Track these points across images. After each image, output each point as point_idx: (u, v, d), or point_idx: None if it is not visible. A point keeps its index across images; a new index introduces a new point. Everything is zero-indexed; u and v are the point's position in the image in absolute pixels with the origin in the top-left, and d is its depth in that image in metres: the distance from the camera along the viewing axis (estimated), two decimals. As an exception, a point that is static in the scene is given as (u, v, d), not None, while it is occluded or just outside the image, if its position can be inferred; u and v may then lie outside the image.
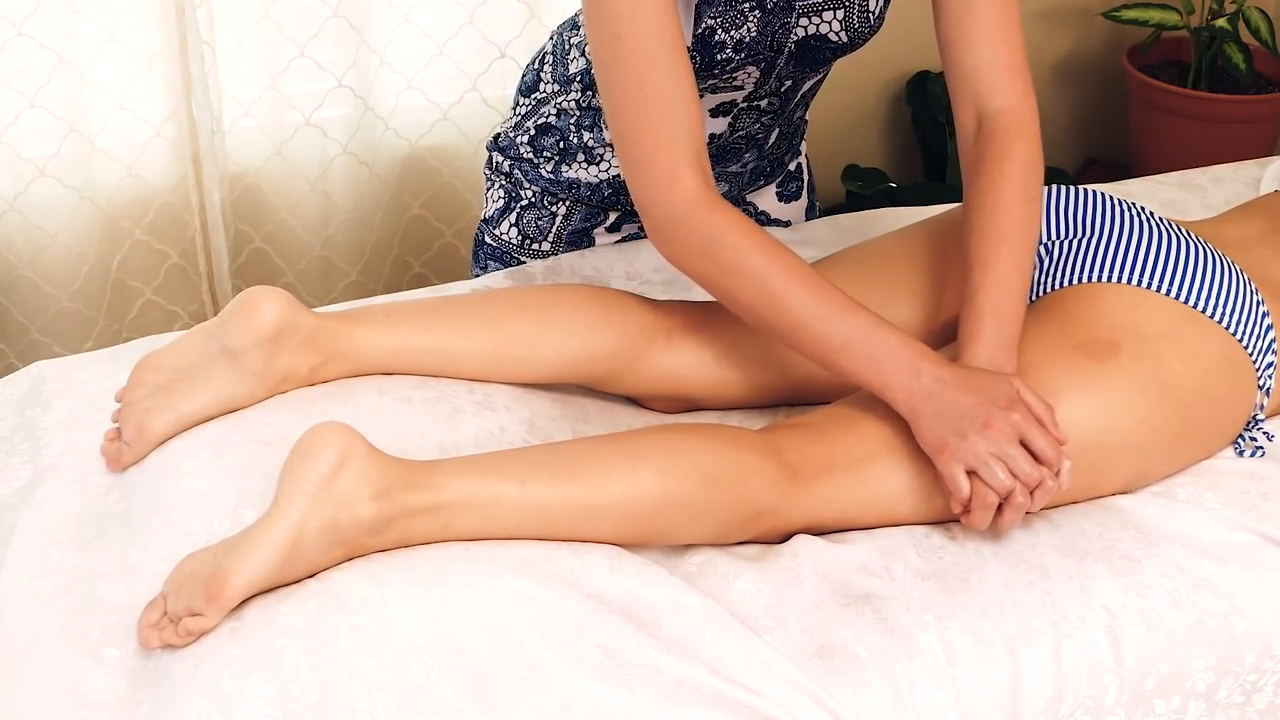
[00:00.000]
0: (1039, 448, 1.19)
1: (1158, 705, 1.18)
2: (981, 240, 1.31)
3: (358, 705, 1.03)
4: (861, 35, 1.46)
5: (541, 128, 1.62)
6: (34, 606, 1.15)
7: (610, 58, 1.26)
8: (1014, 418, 1.19)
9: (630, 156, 1.28)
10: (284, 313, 1.27)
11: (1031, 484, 1.18)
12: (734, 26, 1.40)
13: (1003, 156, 1.35)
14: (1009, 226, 1.31)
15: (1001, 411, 1.19)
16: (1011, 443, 1.18)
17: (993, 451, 1.18)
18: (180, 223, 2.30)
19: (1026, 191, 1.34)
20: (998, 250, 1.30)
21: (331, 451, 1.10)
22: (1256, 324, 1.35)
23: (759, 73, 1.46)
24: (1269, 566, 1.24)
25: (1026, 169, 1.35)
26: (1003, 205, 1.32)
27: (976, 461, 1.18)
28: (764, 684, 1.09)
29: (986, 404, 1.19)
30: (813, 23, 1.43)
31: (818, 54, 1.47)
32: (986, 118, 1.38)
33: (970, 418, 1.19)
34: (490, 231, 1.70)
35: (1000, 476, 1.18)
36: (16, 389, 1.42)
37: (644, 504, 1.16)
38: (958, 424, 1.19)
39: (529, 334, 1.36)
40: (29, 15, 2.04)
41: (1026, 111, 1.38)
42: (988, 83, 1.37)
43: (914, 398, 1.21)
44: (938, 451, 1.20)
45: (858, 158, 2.90)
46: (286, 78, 2.26)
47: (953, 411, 1.20)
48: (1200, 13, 2.81)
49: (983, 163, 1.36)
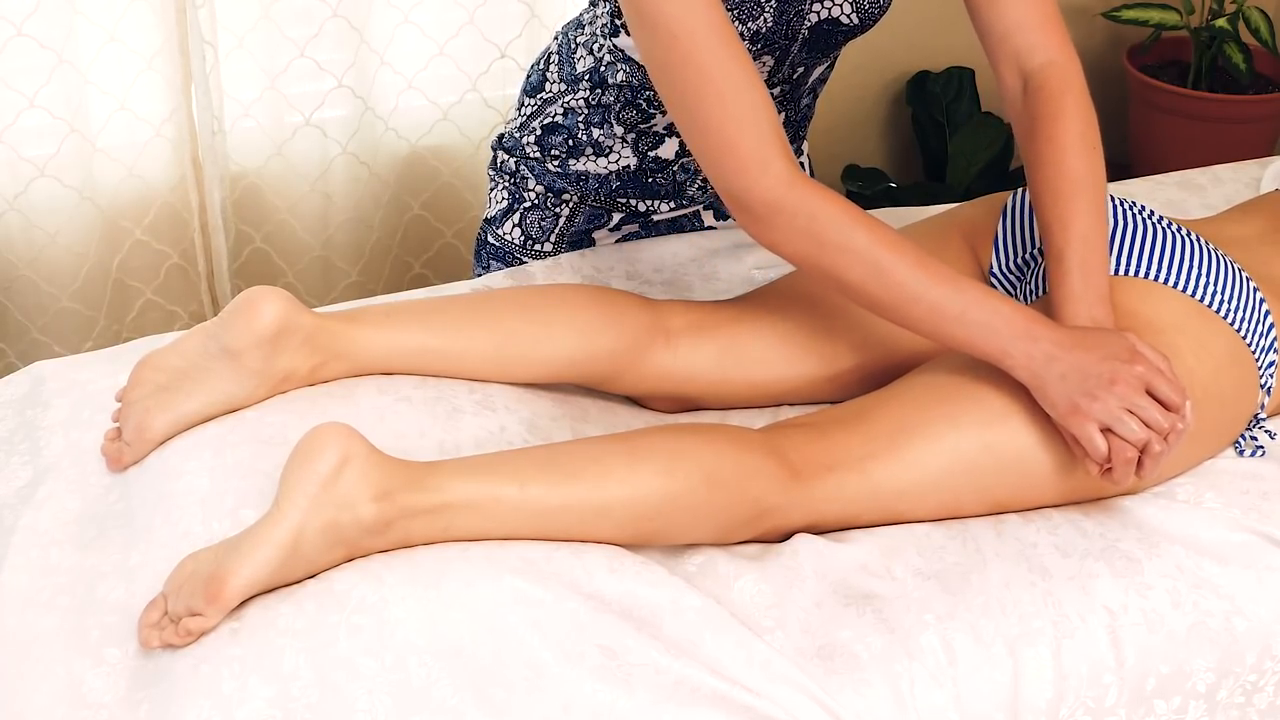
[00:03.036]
0: (1164, 395, 1.19)
1: (1158, 705, 1.18)
2: (1055, 199, 1.31)
3: (358, 705, 1.03)
4: (871, 16, 1.46)
5: (548, 127, 1.62)
6: (34, 606, 1.15)
7: (671, 58, 1.24)
8: (1138, 370, 1.19)
9: (713, 149, 1.26)
10: (284, 313, 1.27)
11: (1164, 432, 1.19)
12: (751, 18, 1.40)
13: (1057, 112, 1.35)
14: (1077, 180, 1.32)
15: (1126, 365, 1.19)
16: (1140, 394, 1.19)
17: (1124, 406, 1.18)
18: (180, 223, 2.30)
19: (1086, 141, 1.34)
20: (1072, 205, 1.30)
21: (332, 452, 1.10)
22: (1259, 322, 1.35)
23: (774, 61, 1.46)
24: (1269, 566, 1.24)
25: (1082, 120, 1.35)
26: (1067, 160, 1.32)
27: (1110, 418, 1.18)
28: (764, 684, 1.09)
29: (1110, 359, 1.20)
30: (825, 7, 1.43)
31: (830, 38, 1.47)
32: (1031, 75, 1.38)
33: (1096, 376, 1.19)
34: (493, 231, 1.70)
35: (1135, 429, 1.18)
36: (16, 389, 1.41)
37: (645, 504, 1.16)
38: (1084, 384, 1.19)
39: (529, 334, 1.36)
40: (29, 15, 2.04)
41: (1069, 62, 1.37)
42: (1026, 40, 1.37)
43: (1034, 362, 1.21)
44: (1069, 414, 1.20)
45: (858, 158, 2.90)
46: (286, 78, 2.26)
47: (1077, 373, 1.20)
48: (1200, 13, 2.81)
49: (1037, 121, 1.35)
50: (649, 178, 1.61)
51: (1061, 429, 1.22)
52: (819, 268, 1.26)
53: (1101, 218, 1.31)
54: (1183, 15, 2.74)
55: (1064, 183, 1.32)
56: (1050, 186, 1.32)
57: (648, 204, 1.64)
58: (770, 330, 1.41)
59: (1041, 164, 1.34)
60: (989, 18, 1.38)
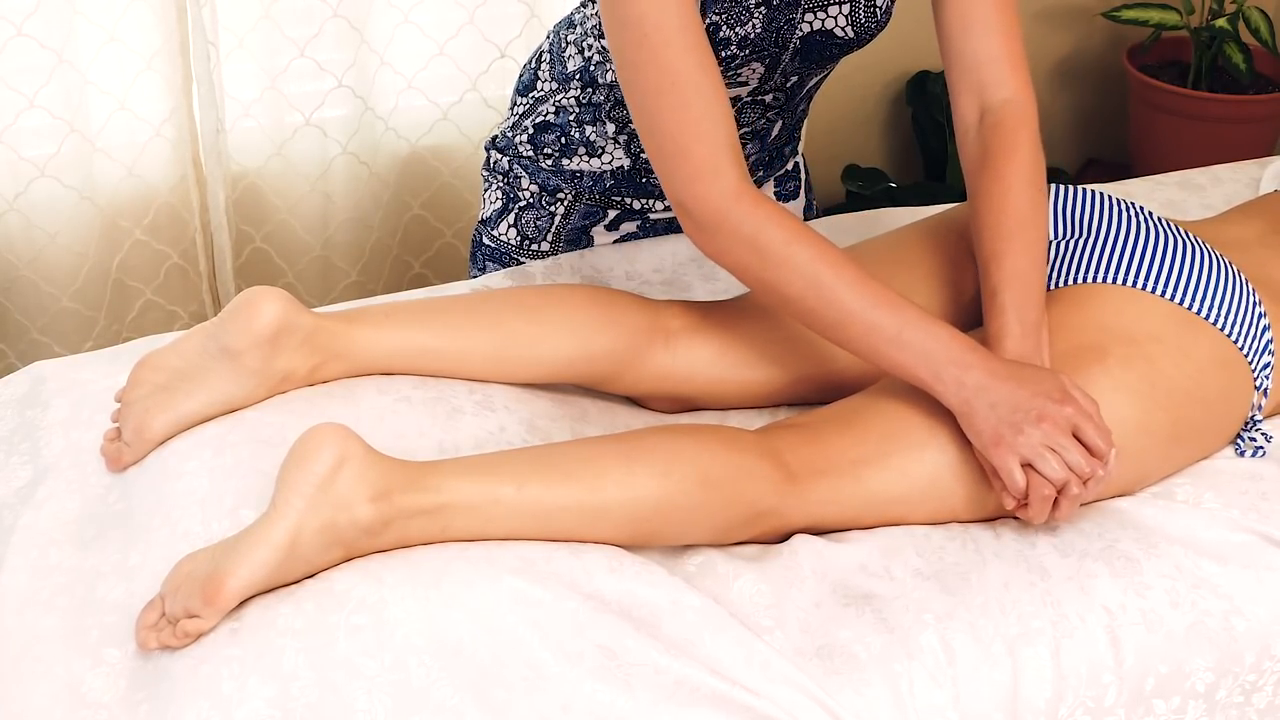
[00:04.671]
0: (1090, 439, 1.19)
1: (1157, 705, 1.18)
2: (995, 234, 1.32)
3: (357, 705, 1.03)
4: (869, 31, 1.46)
5: (540, 126, 1.62)
6: (33, 606, 1.15)
7: (639, 57, 1.25)
8: (1067, 411, 1.19)
9: (666, 153, 1.27)
10: (283, 312, 1.27)
11: (1085, 475, 1.19)
12: (739, 23, 1.40)
13: (1011, 150, 1.35)
14: (1020, 218, 1.32)
15: (1055, 405, 1.19)
16: (1066, 435, 1.19)
17: (1047, 444, 1.18)
18: (180, 223, 2.30)
19: (1033, 184, 1.34)
20: (1011, 243, 1.31)
21: (329, 453, 1.10)
22: (1252, 325, 1.35)
23: (764, 69, 1.46)
24: (1269, 566, 1.24)
25: (1032, 161, 1.36)
26: (1012, 197, 1.33)
27: (1033, 454, 1.18)
28: (764, 684, 1.09)
29: (1040, 397, 1.20)
30: (818, 18, 1.43)
31: (824, 50, 1.47)
32: (990, 110, 1.38)
33: (1025, 410, 1.19)
34: (488, 232, 1.70)
35: (1055, 468, 1.18)
36: (16, 389, 1.42)
37: (642, 505, 1.16)
38: (1012, 416, 1.19)
39: (528, 334, 1.36)
40: (29, 15, 2.04)
41: (1028, 102, 1.38)
42: (992, 74, 1.38)
43: (965, 389, 1.21)
44: (993, 444, 1.20)
45: (858, 158, 2.90)
46: (286, 78, 2.26)
47: (1007, 405, 1.20)
48: (1200, 13, 2.81)
49: (989, 155, 1.36)
50: (643, 178, 1.61)
51: (982, 459, 1.22)
52: (760, 281, 1.27)
53: (1040, 257, 1.32)
54: (1183, 15, 2.74)
55: (1007, 219, 1.32)
56: (992, 221, 1.32)
57: (643, 202, 1.64)
58: (769, 331, 1.41)
59: (987, 198, 1.34)
60: (960, 47, 1.39)
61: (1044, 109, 2.27)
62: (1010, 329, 1.28)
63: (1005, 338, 1.28)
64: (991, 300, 1.30)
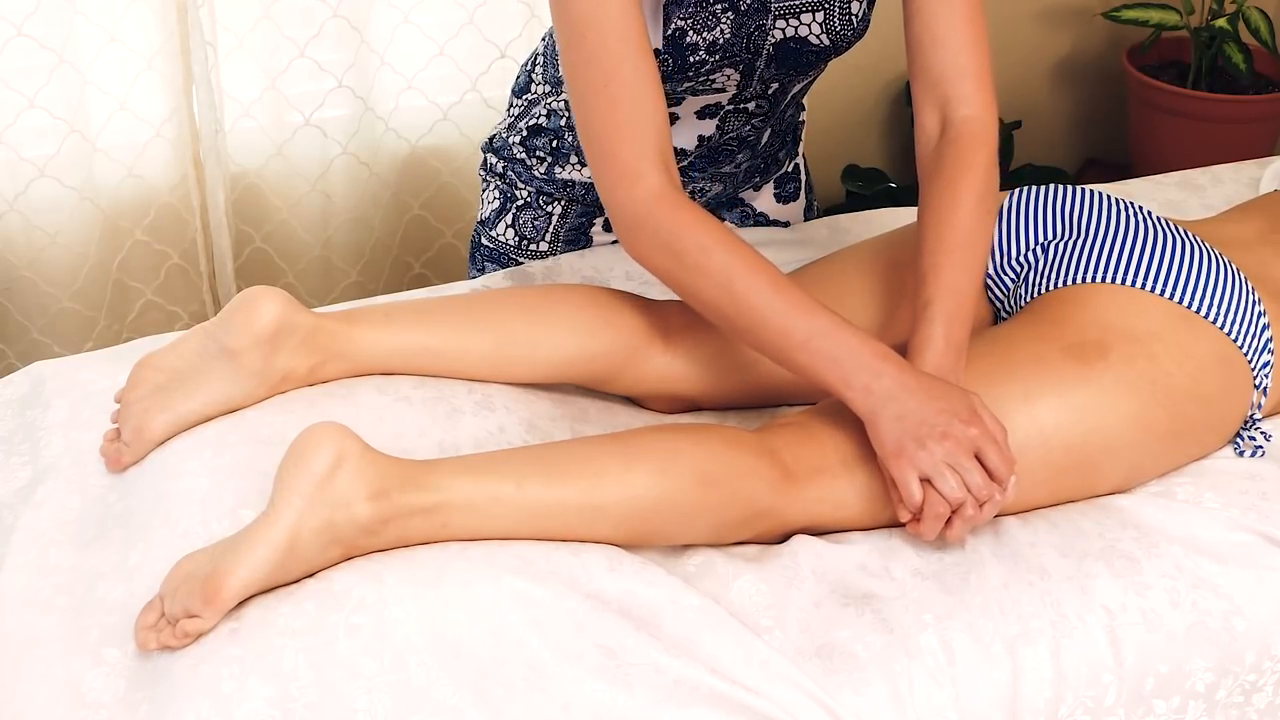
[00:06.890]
0: (993, 464, 1.18)
1: (1157, 705, 1.18)
2: (937, 247, 1.31)
3: (357, 705, 1.03)
4: (845, 39, 1.46)
5: (533, 129, 1.62)
6: (33, 606, 1.15)
7: (576, 57, 1.26)
8: (972, 432, 1.18)
9: (595, 154, 1.28)
10: (283, 312, 1.27)
11: (983, 498, 1.18)
12: (706, 28, 1.40)
13: (966, 167, 1.35)
14: (966, 235, 1.32)
15: (962, 424, 1.18)
16: (968, 455, 1.18)
17: (948, 461, 1.17)
18: (181, 223, 2.30)
19: (984, 203, 1.34)
20: (953, 257, 1.30)
21: (327, 452, 1.10)
22: (1252, 324, 1.35)
23: (739, 75, 1.46)
24: (1269, 566, 1.24)
25: (986, 180, 1.35)
26: (961, 213, 1.32)
27: (933, 470, 1.17)
28: (763, 684, 1.09)
29: (947, 414, 1.19)
30: (790, 25, 1.43)
31: (799, 57, 1.46)
32: (951, 124, 1.38)
33: (930, 425, 1.18)
34: (487, 233, 1.70)
35: (953, 487, 1.17)
36: (16, 389, 1.42)
37: (640, 504, 1.16)
38: (917, 430, 1.18)
39: (528, 334, 1.36)
40: (29, 15, 2.04)
41: (990, 120, 1.38)
42: (958, 89, 1.37)
43: (873, 398, 1.21)
44: (894, 455, 1.19)
45: (858, 158, 2.90)
46: (286, 78, 2.26)
47: (913, 417, 1.19)
48: (1200, 13, 2.81)
49: (945, 169, 1.36)
50: None
51: (883, 468, 1.21)
52: (678, 285, 1.28)
53: (978, 278, 1.31)
54: (1183, 15, 2.74)
55: (953, 234, 1.31)
56: (936, 234, 1.32)
57: None
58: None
59: (936, 210, 1.34)
60: (929, 60, 1.38)
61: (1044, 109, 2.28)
62: (934, 342, 1.27)
63: (927, 349, 1.27)
64: (924, 310, 1.29)
